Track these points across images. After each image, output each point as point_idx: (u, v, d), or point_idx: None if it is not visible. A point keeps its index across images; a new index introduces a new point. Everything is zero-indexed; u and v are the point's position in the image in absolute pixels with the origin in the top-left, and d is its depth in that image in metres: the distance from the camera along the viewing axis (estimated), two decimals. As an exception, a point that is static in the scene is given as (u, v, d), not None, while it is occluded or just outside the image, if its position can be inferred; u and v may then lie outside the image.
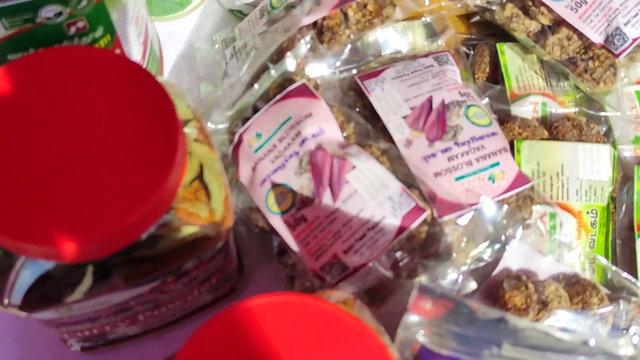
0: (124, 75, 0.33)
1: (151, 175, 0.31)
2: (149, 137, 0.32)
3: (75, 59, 0.33)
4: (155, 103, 0.33)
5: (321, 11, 0.47)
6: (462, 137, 0.45)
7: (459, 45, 0.54)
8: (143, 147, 0.31)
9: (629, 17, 0.48)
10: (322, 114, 0.43)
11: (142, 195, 0.30)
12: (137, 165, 0.31)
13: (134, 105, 0.32)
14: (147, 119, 0.32)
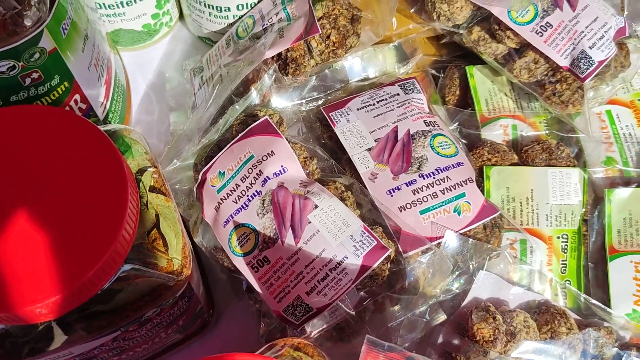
0: (74, 132, 0.33)
1: (102, 235, 0.31)
2: (99, 195, 0.32)
3: (25, 119, 0.33)
4: (105, 160, 0.33)
5: (284, 43, 0.47)
6: (427, 168, 0.44)
7: (428, 68, 0.54)
8: (93, 206, 0.31)
9: (594, 40, 0.48)
10: (284, 152, 0.43)
11: (93, 255, 0.30)
12: (88, 225, 0.31)
13: (84, 163, 0.32)
14: (98, 177, 0.32)
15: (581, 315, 0.46)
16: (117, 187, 0.32)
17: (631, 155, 0.51)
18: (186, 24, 0.59)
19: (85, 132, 0.33)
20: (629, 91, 0.52)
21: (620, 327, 0.45)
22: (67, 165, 0.32)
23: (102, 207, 0.31)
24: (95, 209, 0.31)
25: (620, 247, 0.47)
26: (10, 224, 0.31)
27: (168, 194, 0.38)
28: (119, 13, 0.52)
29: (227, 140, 0.45)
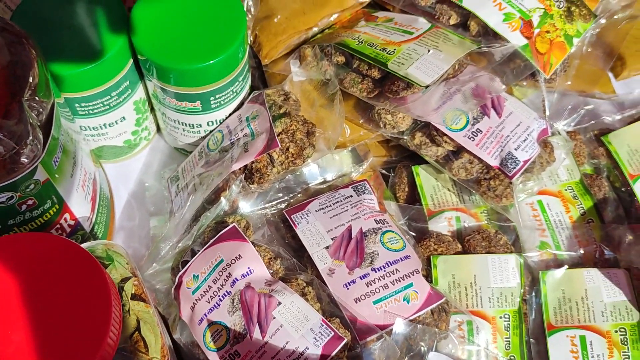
0: (62, 253, 0.39)
1: (90, 343, 0.36)
2: (87, 308, 0.37)
3: (19, 245, 0.38)
4: (90, 277, 0.38)
5: (249, 157, 0.54)
6: (379, 262, 0.50)
7: (380, 168, 0.61)
8: (82, 318, 0.37)
9: (519, 142, 0.55)
10: (250, 255, 0.49)
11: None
12: (77, 336, 0.36)
13: (72, 281, 0.38)
14: (85, 292, 0.38)
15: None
16: (101, 300, 0.38)
17: (562, 240, 0.57)
18: (163, 136, 0.66)
19: (72, 253, 0.39)
20: (556, 182, 0.59)
21: (561, 396, 0.51)
22: (57, 284, 0.38)
23: (89, 319, 0.37)
24: (83, 320, 0.37)
25: (556, 323, 0.53)
26: (8, 336, 0.36)
27: (147, 301, 0.43)
28: (102, 133, 0.59)
29: (200, 245, 0.51)
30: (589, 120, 0.63)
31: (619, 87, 0.65)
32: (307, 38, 0.63)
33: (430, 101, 0.55)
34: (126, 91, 0.56)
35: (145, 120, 0.62)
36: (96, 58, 0.51)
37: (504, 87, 0.57)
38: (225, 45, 0.52)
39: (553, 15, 0.58)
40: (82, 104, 0.55)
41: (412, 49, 0.56)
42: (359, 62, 0.58)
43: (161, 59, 0.52)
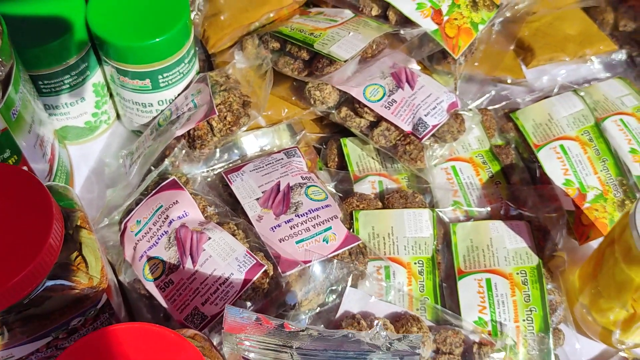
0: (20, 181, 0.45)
1: (32, 248, 0.42)
2: (31, 223, 0.43)
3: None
4: (39, 200, 0.44)
5: (190, 124, 0.61)
6: (302, 210, 0.57)
7: (314, 143, 0.68)
8: (26, 230, 0.43)
9: (429, 110, 0.62)
10: (186, 201, 0.55)
11: (24, 261, 0.42)
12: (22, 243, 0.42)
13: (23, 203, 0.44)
14: (32, 212, 0.44)
15: (439, 324, 0.57)
16: (45, 217, 0.44)
17: (473, 199, 0.64)
18: (122, 122, 0.73)
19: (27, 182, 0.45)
20: (468, 150, 0.66)
21: (470, 331, 0.56)
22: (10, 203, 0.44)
23: (33, 231, 0.43)
24: (27, 232, 0.43)
25: (465, 269, 0.59)
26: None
27: (90, 229, 0.49)
28: (64, 112, 0.66)
29: (144, 196, 0.57)
30: (502, 101, 0.71)
31: (529, 74, 0.73)
32: (249, 31, 0.71)
33: (351, 76, 0.63)
34: (85, 72, 0.64)
35: (104, 105, 0.69)
36: (56, 37, 0.59)
37: (419, 68, 0.65)
38: (170, 26, 0.60)
39: (460, 5, 0.67)
40: (45, 81, 0.62)
41: (336, 32, 0.64)
42: (290, 46, 0.66)
43: (114, 38, 0.60)
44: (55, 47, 0.59)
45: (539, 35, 0.74)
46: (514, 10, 0.70)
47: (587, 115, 0.67)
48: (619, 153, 0.65)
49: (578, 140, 0.66)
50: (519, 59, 0.74)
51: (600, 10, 0.77)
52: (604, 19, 0.77)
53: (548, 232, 0.61)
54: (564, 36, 0.75)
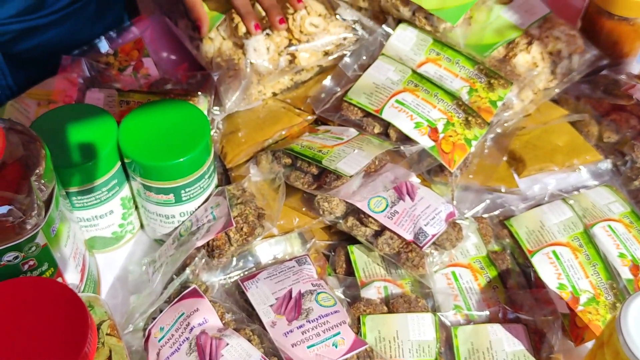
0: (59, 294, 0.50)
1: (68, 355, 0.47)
2: (69, 332, 0.48)
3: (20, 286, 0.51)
4: (76, 312, 0.50)
5: (210, 235, 0.66)
6: (313, 315, 0.61)
7: (322, 250, 0.73)
8: (64, 338, 0.48)
9: (428, 220, 0.68)
10: (206, 308, 0.60)
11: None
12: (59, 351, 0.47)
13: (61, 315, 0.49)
14: (68, 321, 0.49)
15: None
16: (81, 328, 0.49)
17: (472, 303, 0.68)
18: (146, 232, 0.79)
19: (64, 294, 0.51)
20: (466, 256, 0.71)
21: None
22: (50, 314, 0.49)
23: (70, 340, 0.48)
24: (65, 341, 0.48)
25: (468, 371, 0.63)
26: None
27: (119, 337, 0.54)
28: (94, 224, 0.72)
29: (167, 304, 0.62)
30: (497, 209, 0.76)
31: (521, 183, 0.79)
32: (263, 147, 0.78)
33: (357, 190, 0.69)
34: (114, 188, 0.70)
35: (130, 216, 0.75)
36: (91, 158, 0.66)
37: (419, 181, 0.71)
38: (193, 146, 0.67)
39: (454, 124, 0.74)
40: (78, 197, 0.68)
41: (342, 150, 0.71)
42: (301, 162, 0.72)
43: (143, 158, 0.67)
44: (89, 167, 0.66)
45: (529, 147, 0.81)
46: (504, 127, 0.77)
47: (577, 222, 0.73)
48: (608, 258, 0.70)
49: (569, 246, 0.71)
50: (512, 169, 0.80)
51: (585, 124, 0.84)
52: (589, 131, 0.84)
53: (544, 334, 0.65)
54: (552, 147, 0.81)
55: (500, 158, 0.76)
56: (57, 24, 0.92)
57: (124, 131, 0.68)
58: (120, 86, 0.82)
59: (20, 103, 0.86)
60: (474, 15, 0.83)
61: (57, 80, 0.85)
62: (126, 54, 0.87)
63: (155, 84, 0.82)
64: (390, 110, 0.74)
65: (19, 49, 0.92)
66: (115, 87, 0.81)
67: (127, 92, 0.80)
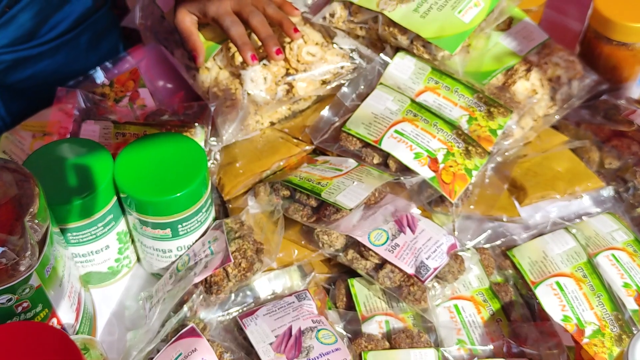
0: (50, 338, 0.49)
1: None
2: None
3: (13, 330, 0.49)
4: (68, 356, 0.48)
5: (208, 271, 0.65)
6: (313, 354, 0.60)
7: (322, 283, 0.72)
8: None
9: (429, 253, 0.67)
10: (204, 349, 0.59)
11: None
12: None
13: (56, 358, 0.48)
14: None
15: None
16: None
17: (475, 337, 0.67)
18: (142, 265, 0.77)
19: (58, 339, 0.49)
20: (469, 289, 0.70)
21: None
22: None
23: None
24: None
25: (472, 408, 0.62)
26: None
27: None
28: (89, 259, 0.71)
29: (164, 344, 0.61)
30: (499, 239, 0.75)
31: (523, 211, 0.78)
32: (261, 178, 0.77)
33: (357, 223, 0.68)
34: (110, 223, 0.69)
35: (126, 250, 0.74)
36: (86, 194, 0.65)
37: (419, 212, 0.70)
38: (189, 181, 0.66)
39: (454, 154, 0.73)
40: (73, 233, 0.67)
41: (341, 182, 0.70)
42: (300, 194, 0.71)
43: (139, 193, 0.66)
44: (85, 203, 0.65)
45: (530, 175, 0.80)
46: (505, 156, 0.76)
47: (580, 252, 0.72)
48: (612, 288, 0.69)
49: (573, 276, 0.70)
50: (513, 197, 0.79)
51: (586, 150, 0.83)
52: (590, 158, 0.83)
53: (549, 369, 0.63)
54: (553, 175, 0.80)
55: (501, 188, 0.75)
56: (50, 54, 0.91)
57: (120, 166, 0.67)
58: (116, 118, 0.82)
59: (15, 135, 0.86)
60: (472, 43, 0.82)
61: (52, 112, 0.84)
62: (122, 84, 0.86)
63: (151, 115, 0.82)
64: (390, 141, 0.73)
65: (12, 79, 0.91)
66: (111, 119, 0.80)
67: (123, 124, 0.79)
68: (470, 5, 0.80)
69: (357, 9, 0.81)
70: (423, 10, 0.78)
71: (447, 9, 0.79)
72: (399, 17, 0.77)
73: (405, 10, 0.78)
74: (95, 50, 0.96)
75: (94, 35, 0.96)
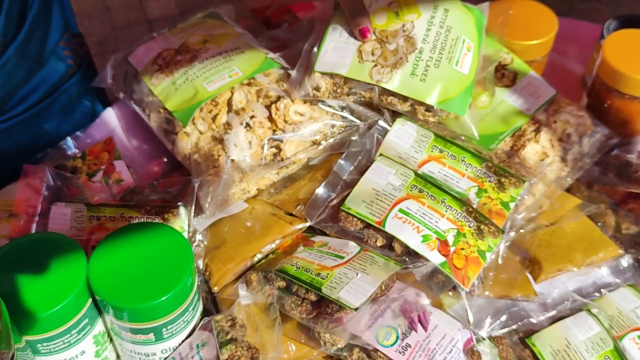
0: None
1: None
2: None
3: None
4: None
5: (198, 384, 0.58)
6: None
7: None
8: None
9: (445, 355, 0.60)
10: None
11: None
12: None
13: None
14: None
15: None
16: None
17: None
18: (123, 363, 0.70)
19: None
20: (488, 386, 0.63)
21: None
22: None
23: None
24: None
25: None
26: None
27: None
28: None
29: None
30: (515, 322, 0.69)
31: (539, 288, 0.72)
32: (253, 264, 0.70)
33: (364, 321, 0.61)
34: (86, 327, 0.61)
35: (104, 351, 0.66)
36: (57, 302, 0.57)
37: (429, 301, 0.63)
38: (175, 282, 0.59)
39: (465, 234, 0.66)
40: (44, 343, 0.59)
41: (343, 273, 0.63)
42: (297, 287, 0.64)
43: (116, 299, 0.58)
44: (56, 313, 0.57)
45: (543, 246, 0.74)
46: (520, 233, 0.69)
47: (605, 338, 0.65)
48: (643, 378, 0.63)
49: (600, 367, 0.63)
50: (527, 271, 0.73)
51: (601, 214, 0.77)
52: (605, 222, 0.77)
53: None
54: (568, 244, 0.74)
55: (520, 270, 0.69)
56: (19, 129, 0.83)
57: (95, 266, 0.60)
58: (89, 196, 0.74)
59: (-22, 216, 0.77)
60: (474, 102, 0.76)
61: (19, 189, 0.76)
62: (95, 156, 0.78)
63: (129, 194, 0.74)
64: (394, 222, 0.66)
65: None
66: (84, 200, 0.72)
67: (97, 206, 0.71)
68: (464, 52, 0.74)
69: (345, 79, 0.74)
70: (421, 72, 0.72)
71: (444, 64, 0.73)
72: (398, 86, 0.71)
73: (402, 76, 0.71)
74: (69, 117, 0.88)
75: (67, 103, 0.88)
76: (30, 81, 0.82)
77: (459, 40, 0.74)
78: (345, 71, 0.73)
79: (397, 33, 0.74)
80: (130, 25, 2.41)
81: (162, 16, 2.41)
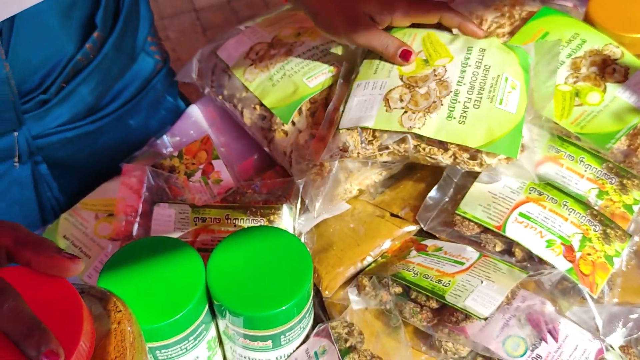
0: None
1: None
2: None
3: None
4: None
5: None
6: None
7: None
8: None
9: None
10: None
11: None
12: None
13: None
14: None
15: None
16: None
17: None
18: (229, 366, 0.68)
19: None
20: (618, 399, 0.60)
21: None
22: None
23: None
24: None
25: None
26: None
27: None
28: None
29: None
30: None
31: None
32: (363, 267, 0.68)
33: (490, 330, 0.58)
34: (202, 333, 0.60)
35: (214, 355, 0.65)
36: (179, 310, 0.56)
37: (555, 309, 0.60)
38: (296, 289, 0.57)
39: (591, 239, 0.63)
40: (162, 350, 0.58)
41: (467, 280, 0.60)
42: (416, 294, 0.62)
43: (237, 306, 0.56)
44: (179, 319, 0.56)
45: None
46: (646, 237, 0.66)
47: None
48: None
49: None
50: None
51: None
52: None
53: None
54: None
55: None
56: (112, 126, 0.82)
57: (214, 272, 0.58)
58: (190, 197, 0.72)
59: (75, 216, 0.77)
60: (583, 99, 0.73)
61: (119, 187, 0.75)
62: (193, 155, 0.76)
63: (231, 195, 0.72)
64: (515, 226, 0.63)
65: (69, 157, 0.81)
66: (186, 201, 0.71)
67: (202, 208, 0.69)
68: (509, 89, 0.66)
69: (373, 133, 0.66)
70: (459, 114, 0.64)
71: (485, 104, 0.65)
72: (435, 131, 0.64)
73: (438, 120, 0.64)
74: (156, 113, 0.87)
75: (154, 99, 0.86)
76: (123, 77, 0.81)
77: (501, 79, 0.66)
78: (372, 123, 0.65)
79: (427, 77, 0.67)
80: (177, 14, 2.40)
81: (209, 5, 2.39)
